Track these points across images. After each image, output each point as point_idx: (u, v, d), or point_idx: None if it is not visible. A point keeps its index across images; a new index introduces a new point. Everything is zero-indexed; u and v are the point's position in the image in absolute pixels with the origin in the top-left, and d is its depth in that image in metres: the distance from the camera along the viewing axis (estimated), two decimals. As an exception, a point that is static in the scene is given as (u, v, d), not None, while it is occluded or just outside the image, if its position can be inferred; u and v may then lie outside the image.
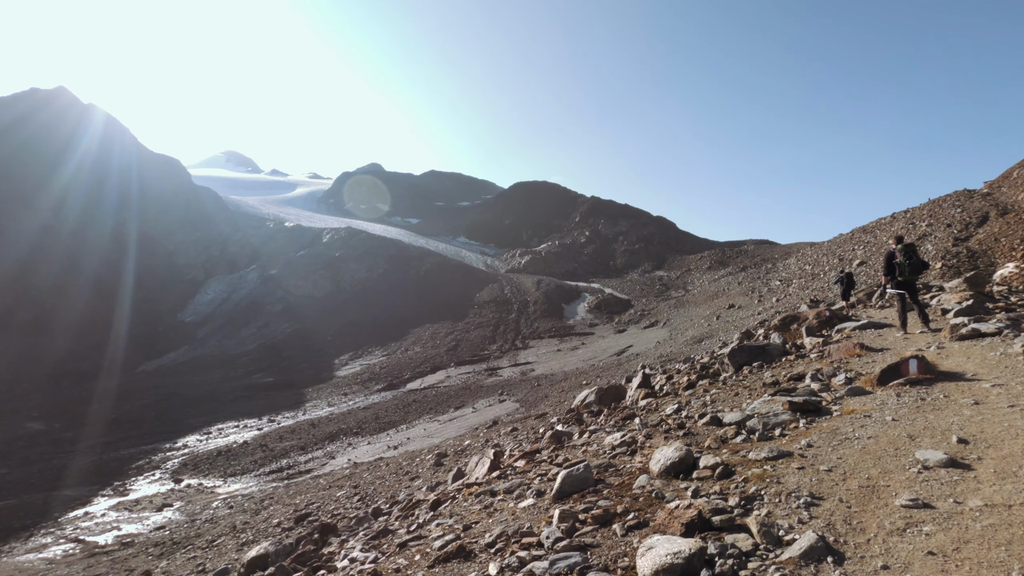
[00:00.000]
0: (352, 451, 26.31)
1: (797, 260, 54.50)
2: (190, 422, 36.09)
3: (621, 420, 7.71)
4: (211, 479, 24.20)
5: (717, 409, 6.38)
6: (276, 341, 60.06)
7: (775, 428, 4.97)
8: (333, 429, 30.93)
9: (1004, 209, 38.32)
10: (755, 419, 5.19)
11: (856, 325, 9.87)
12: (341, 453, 26.26)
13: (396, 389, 41.33)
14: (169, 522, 17.81)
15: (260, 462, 26.10)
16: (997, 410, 4.58)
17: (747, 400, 6.53)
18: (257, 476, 24.01)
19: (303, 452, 27.35)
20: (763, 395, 6.27)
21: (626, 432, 6.41)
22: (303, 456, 26.68)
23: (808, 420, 5.04)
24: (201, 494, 21.86)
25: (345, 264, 76.60)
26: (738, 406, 6.31)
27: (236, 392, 44.54)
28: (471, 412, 30.45)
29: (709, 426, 5.63)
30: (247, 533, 13.82)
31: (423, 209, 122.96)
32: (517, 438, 16.62)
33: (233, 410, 38.76)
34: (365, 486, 16.21)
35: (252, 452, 27.83)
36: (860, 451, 4.23)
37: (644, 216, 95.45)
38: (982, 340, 6.84)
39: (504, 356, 48.03)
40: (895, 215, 49.12)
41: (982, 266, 29.82)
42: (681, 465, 4.42)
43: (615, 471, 4.92)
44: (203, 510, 18.78)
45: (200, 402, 41.83)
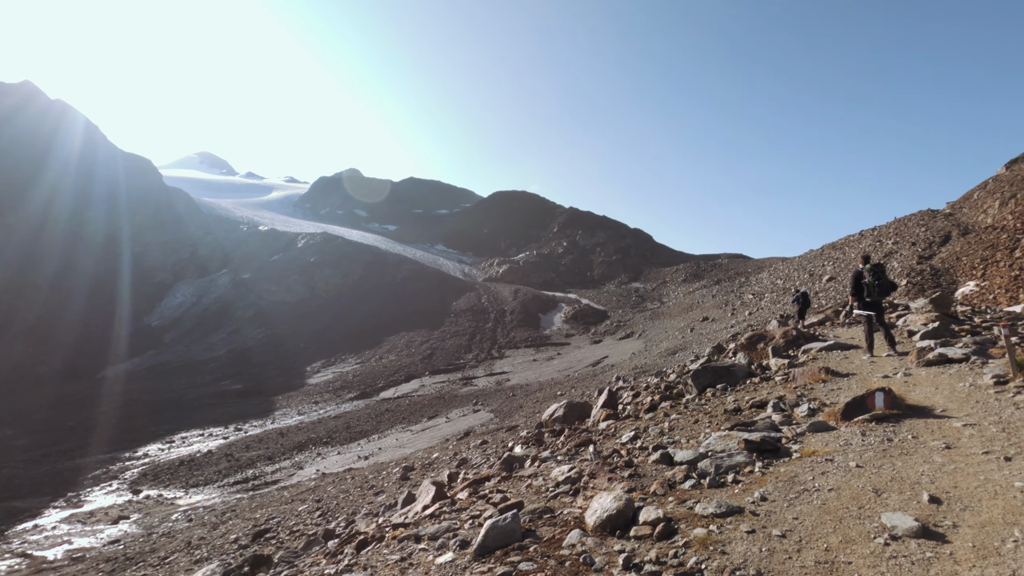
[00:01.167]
0: (321, 461, 25.71)
1: (769, 275, 55.58)
2: (152, 430, 34.90)
3: (576, 447, 7.52)
4: (172, 490, 23.36)
5: (673, 440, 6.17)
6: (246, 347, 58.71)
7: (728, 472, 4.56)
8: (302, 438, 30.21)
9: (965, 229, 39.74)
10: (708, 460, 4.81)
11: (823, 346, 9.87)
12: (310, 463, 25.64)
13: (369, 398, 40.68)
14: (124, 535, 17.08)
15: (224, 472, 25.31)
16: (971, 457, 4.12)
17: (706, 429, 6.33)
18: (221, 487, 23.27)
19: (270, 462, 26.63)
20: (723, 425, 6.00)
21: (575, 464, 6.15)
22: (270, 466, 25.96)
23: (765, 463, 4.60)
24: (160, 506, 21.07)
25: (320, 270, 75.52)
26: (695, 437, 6.04)
27: (202, 399, 43.30)
28: (444, 422, 30.09)
29: (659, 464, 5.24)
30: (202, 550, 13.30)
31: (401, 216, 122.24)
32: (485, 452, 16.42)
33: (198, 418, 37.64)
34: (328, 500, 15.80)
35: (216, 462, 26.99)
36: (819, 509, 3.73)
37: (621, 228, 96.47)
38: (949, 367, 6.66)
39: (480, 365, 47.74)
40: (863, 232, 50.57)
41: (944, 284, 30.79)
42: (619, 519, 3.90)
43: (550, 519, 4.46)
44: (161, 523, 18.08)
45: (164, 409, 40.52)
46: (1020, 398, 4.76)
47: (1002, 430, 4.36)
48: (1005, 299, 23.65)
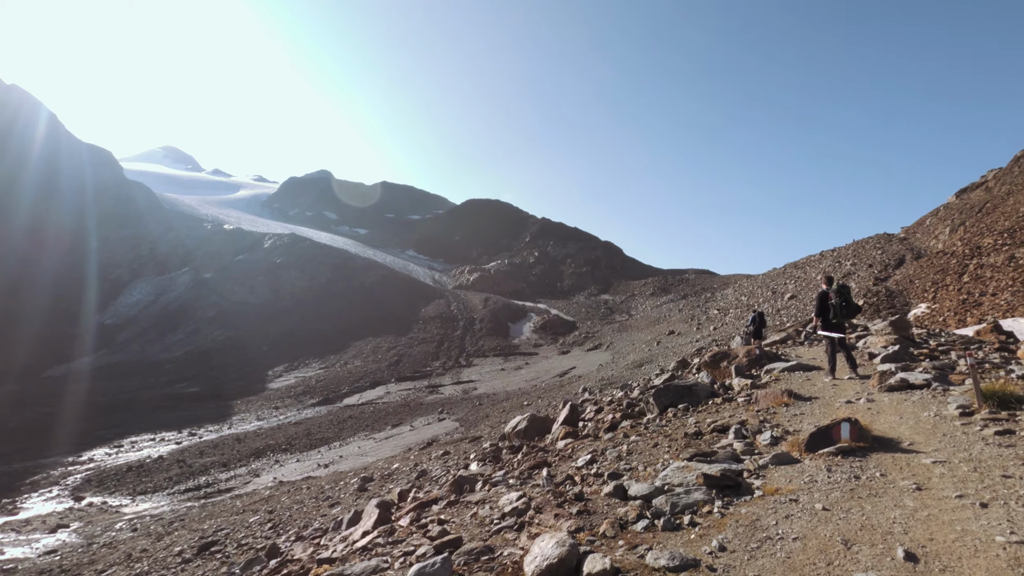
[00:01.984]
0: (279, 469, 24.91)
1: (734, 291, 56.84)
2: (100, 433, 33.30)
3: (530, 468, 7.28)
4: (117, 497, 22.24)
5: (630, 466, 5.86)
6: (205, 349, 56.82)
7: (685, 512, 4.20)
8: (260, 445, 29.26)
9: (918, 253, 41.48)
10: (664, 497, 4.44)
11: (785, 366, 9.78)
12: (267, 471, 24.81)
13: (332, 404, 39.76)
14: (62, 546, 16.11)
15: (175, 479, 24.26)
16: (944, 502, 3.76)
17: (665, 455, 6.03)
18: (171, 494, 22.27)
19: (225, 469, 25.67)
20: (682, 453, 5.73)
21: (526, 490, 5.85)
22: (225, 473, 25.02)
23: (725, 502, 4.25)
24: (104, 514, 20.00)
25: (286, 271, 73.87)
26: (653, 464, 5.71)
27: (156, 402, 41.61)
28: (408, 430, 29.60)
29: (612, 499, 4.84)
30: (143, 563, 12.59)
31: (372, 220, 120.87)
32: (446, 464, 16.12)
33: (151, 421, 36.12)
34: (281, 511, 15.22)
35: (167, 468, 25.87)
36: (784, 564, 3.38)
37: (592, 240, 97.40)
38: (912, 393, 6.53)
39: (447, 373, 47.27)
40: (823, 253, 52.29)
41: (898, 305, 31.97)
42: (560, 569, 3.50)
43: (487, 562, 4.05)
44: (103, 532, 17.13)
45: (114, 411, 38.78)
46: (988, 432, 4.58)
47: (974, 469, 4.10)
48: (953, 322, 24.66)
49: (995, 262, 28.75)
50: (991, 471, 3.96)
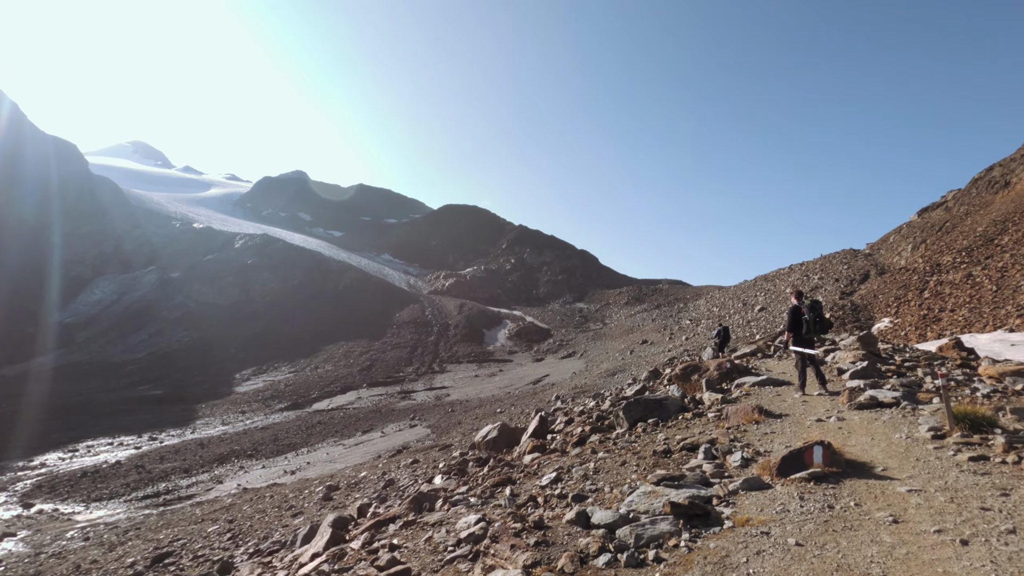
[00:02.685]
0: (244, 475, 24.20)
1: (706, 302, 57.71)
2: (54, 437, 31.89)
3: (494, 486, 7.07)
4: (70, 504, 21.27)
5: (596, 486, 5.67)
6: (170, 350, 55.10)
7: (650, 545, 3.97)
8: (224, 450, 28.42)
9: (882, 269, 42.77)
10: (629, 528, 4.19)
11: (756, 380, 9.78)
12: (231, 477, 24.08)
13: (301, 409, 38.92)
14: (8, 556, 15.27)
15: (133, 485, 23.34)
16: (922, 537, 3.54)
17: (632, 474, 5.82)
18: (127, 502, 21.40)
19: (186, 475, 24.83)
20: (650, 474, 5.52)
21: (487, 511, 5.60)
22: (186, 480, 24.19)
23: (693, 534, 4.02)
24: (55, 522, 19.08)
25: (257, 273, 72.30)
26: (620, 485, 5.50)
27: (115, 405, 40.09)
28: (379, 437, 29.13)
29: (574, 527, 4.57)
30: (93, 574, 12.02)
31: (348, 223, 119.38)
32: (415, 473, 15.85)
33: (109, 425, 34.76)
34: (242, 521, 14.71)
35: (125, 474, 24.89)
36: None
37: (569, 248, 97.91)
38: (882, 412, 6.44)
39: (420, 379, 46.77)
40: (792, 267, 53.52)
41: (863, 319, 32.86)
42: None
43: None
44: (53, 541, 16.32)
45: (70, 414, 37.22)
46: (961, 458, 4.48)
47: (950, 499, 3.92)
48: (914, 336, 25.43)
49: (954, 279, 29.80)
50: (969, 502, 3.82)
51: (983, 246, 31.63)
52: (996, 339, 18.96)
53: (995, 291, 25.14)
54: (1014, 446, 4.34)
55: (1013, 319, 21.10)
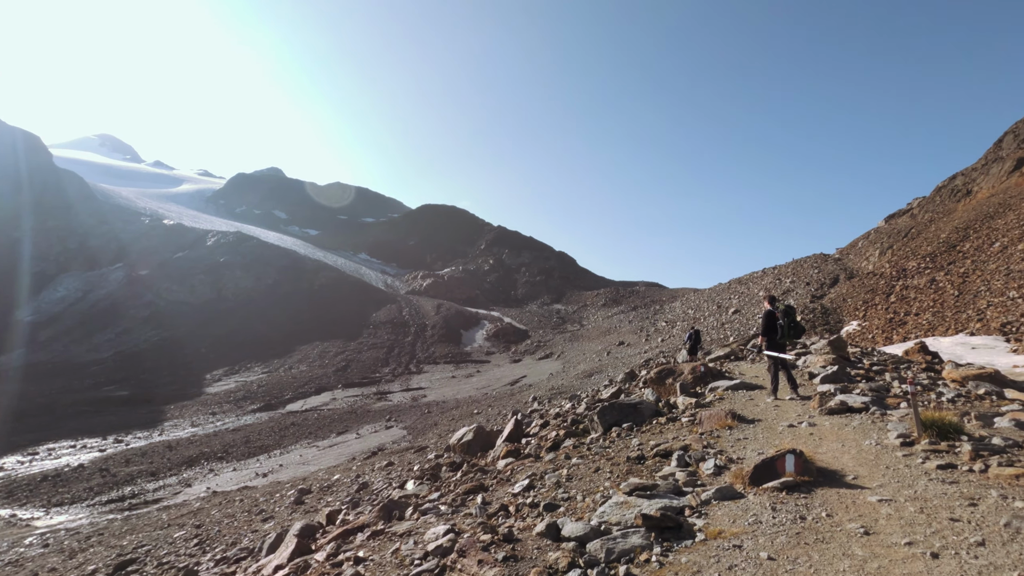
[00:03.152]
0: (213, 478, 23.64)
1: (682, 304, 58.45)
2: (13, 439, 30.72)
3: (466, 493, 6.99)
4: (29, 509, 20.49)
5: (568, 495, 5.61)
6: (138, 350, 53.59)
7: (621, 560, 3.90)
8: (194, 452, 27.73)
9: (851, 273, 43.88)
10: (599, 541, 4.10)
11: (729, 385, 9.91)
12: (200, 480, 23.49)
13: (274, 410, 38.21)
14: (-40, 564, 14.63)
15: (97, 489, 22.59)
16: (894, 550, 3.53)
17: (605, 482, 5.80)
18: (90, 506, 20.70)
19: (153, 478, 24.14)
20: (623, 481, 5.51)
21: (456, 521, 5.48)
22: (153, 483, 23.52)
23: (664, 548, 3.96)
24: (13, 528, 18.36)
25: (230, 271, 70.80)
26: (592, 494, 5.45)
27: (79, 406, 38.81)
28: (354, 438, 28.76)
29: (544, 539, 4.48)
30: (51, 584, 11.61)
31: (324, 221, 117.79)
32: (389, 476, 15.66)
33: (72, 427, 33.62)
34: (210, 526, 14.33)
35: (88, 477, 24.07)
36: None
37: (547, 250, 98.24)
38: (852, 418, 6.57)
39: (396, 380, 46.36)
40: (765, 270, 54.57)
41: (832, 322, 33.65)
42: None
43: None
44: (11, 548, 15.68)
45: (30, 416, 35.89)
46: (930, 466, 4.55)
47: (920, 510, 3.93)
48: (881, 339, 26.13)
49: (918, 284, 30.71)
50: (938, 512, 3.85)
51: (946, 252, 32.67)
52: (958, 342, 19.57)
53: (957, 296, 25.98)
54: (980, 454, 4.44)
55: (974, 323, 21.81)
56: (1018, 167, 38.73)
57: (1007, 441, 4.81)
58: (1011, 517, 3.35)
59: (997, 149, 43.42)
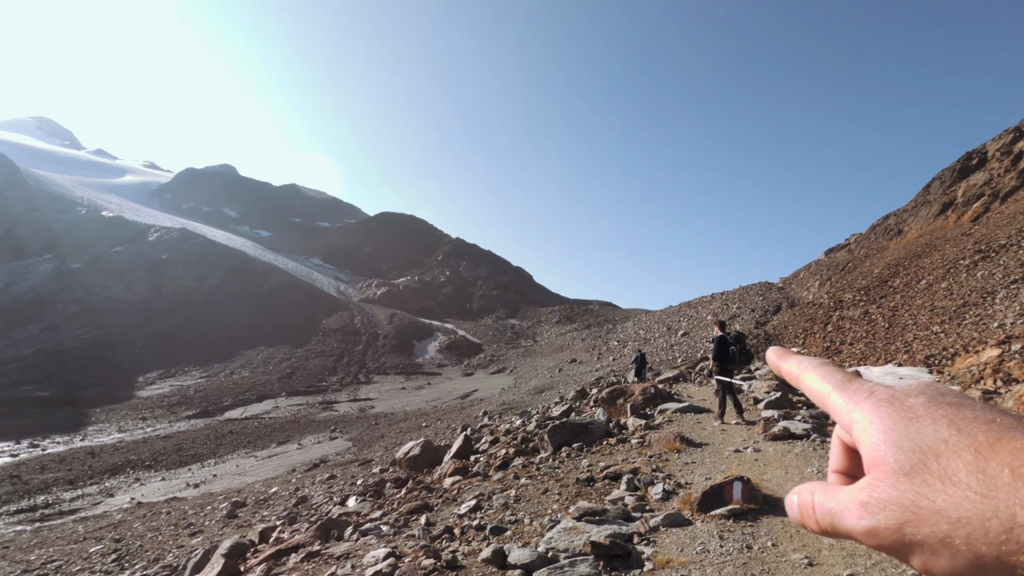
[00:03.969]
0: (139, 488, 22.21)
1: (634, 324, 59.62)
2: (-89, 442, 28.03)
3: (410, 512, 6.76)
4: (-76, 520, 18.61)
5: (515, 517, 5.47)
6: (64, 348, 50.11)
7: None
8: (119, 460, 26.04)
9: (792, 302, 45.94)
10: (546, 571, 3.94)
11: (678, 407, 10.06)
12: (124, 490, 22.02)
13: (211, 417, 36.40)
14: None
15: (5, 498, 20.83)
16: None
17: (554, 505, 5.71)
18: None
19: (71, 487, 22.48)
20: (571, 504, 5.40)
21: (398, 543, 5.26)
22: (70, 492, 21.88)
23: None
24: (-98, 541, 16.61)
25: (173, 269, 67.53)
26: (540, 517, 5.34)
27: (-8, 406, 35.85)
28: (296, 449, 27.69)
29: (489, 566, 4.33)
30: (-57, 605, 10.54)
31: (277, 223, 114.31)
32: (330, 490, 15.10)
33: (-18, 429, 30.99)
34: (131, 540, 13.37)
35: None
36: None
37: (504, 264, 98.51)
38: (795, 444, 6.74)
39: (344, 389, 45.08)
40: (714, 295, 56.45)
41: (775, 348, 35.00)
42: None
43: None
44: (-102, 564, 14.17)
45: (-67, 416, 32.88)
46: None
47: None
48: (820, 367, 27.34)
49: (853, 315, 32.42)
50: None
51: (878, 287, 34.67)
52: (887, 372, 20.64)
53: (887, 328, 27.53)
54: (910, 485, 4.61)
55: (901, 354, 23.11)
56: (943, 211, 41.71)
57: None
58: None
59: (926, 193, 46.69)
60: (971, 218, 37.49)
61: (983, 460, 0.27)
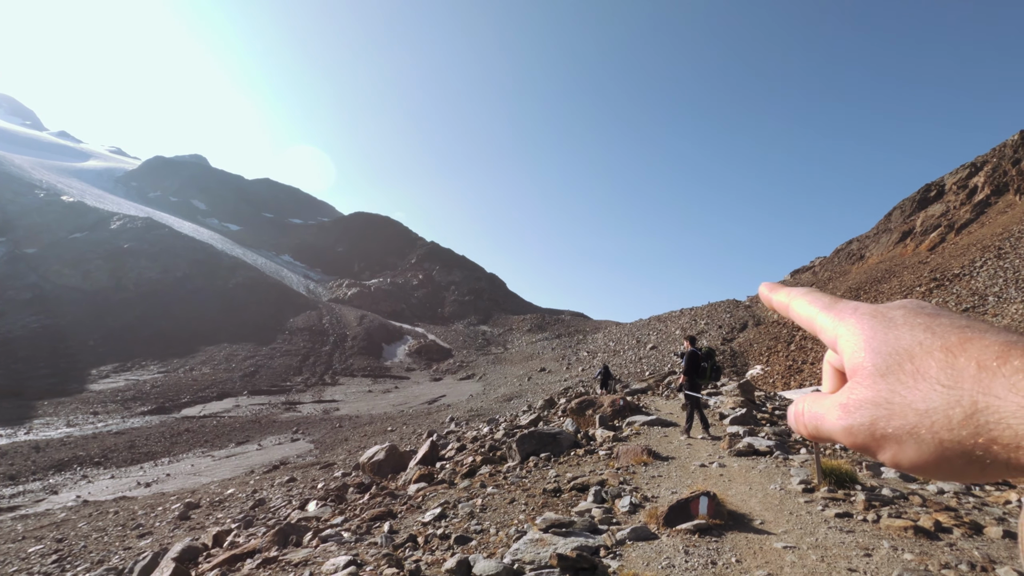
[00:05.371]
0: (87, 486, 21.26)
1: (604, 336, 60.12)
2: None
3: (373, 519, 6.58)
4: None
5: (481, 527, 5.45)
6: (12, 336, 47.80)
7: None
8: (66, 455, 24.92)
9: (758, 320, 47.04)
10: None
11: (646, 420, 10.19)
12: (69, 487, 21.04)
13: (167, 414, 35.18)
14: None
15: (-62, 494, 19.67)
16: None
17: (520, 515, 5.70)
18: (-73, 513, 17.90)
19: (12, 483, 21.42)
20: (538, 515, 5.39)
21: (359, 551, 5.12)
22: (10, 488, 20.84)
23: None
24: None
25: (134, 259, 65.29)
26: (507, 527, 5.32)
27: (-71, 395, 33.95)
28: (255, 450, 26.94)
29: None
30: None
31: (247, 217, 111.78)
32: (289, 493, 14.70)
33: (-84, 419, 29.29)
34: (74, 540, 12.74)
35: (-71, 479, 20.93)
36: None
37: (479, 270, 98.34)
38: (759, 461, 6.84)
39: (308, 390, 44.18)
40: (683, 311, 57.40)
41: (739, 364, 35.78)
42: None
43: None
44: None
45: None
46: (829, 514, 4.80)
47: (821, 558, 4.11)
48: (781, 384, 28.05)
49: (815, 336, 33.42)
50: (837, 562, 4.01)
51: (841, 309, 35.81)
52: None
53: (849, 350, 28.41)
54: (872, 504, 4.74)
55: (861, 376, 23.90)
56: (902, 239, 43.44)
57: (894, 492, 5.19)
58: (902, 570, 3.55)
59: (887, 221, 48.55)
60: (928, 247, 39.12)
61: (952, 356, 0.29)
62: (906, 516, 4.52)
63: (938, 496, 5.34)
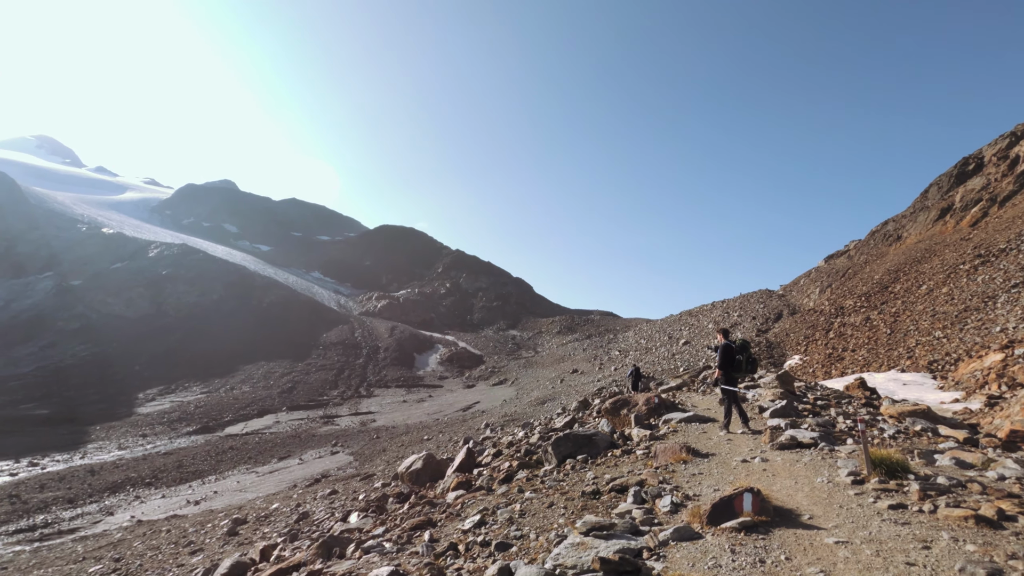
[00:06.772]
0: (140, 506, 22.01)
1: (635, 334, 59.47)
2: (-91, 462, 27.81)
3: (413, 529, 6.62)
4: (-78, 541, 18.39)
5: (521, 532, 5.38)
6: (64, 365, 49.91)
7: None
8: (119, 478, 25.83)
9: (793, 309, 45.82)
10: None
11: (682, 417, 9.91)
12: (124, 508, 21.82)
13: (212, 433, 36.17)
14: None
15: (4, 518, 20.62)
16: None
17: (559, 519, 5.61)
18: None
19: (71, 506, 22.27)
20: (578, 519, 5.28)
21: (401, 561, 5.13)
22: (70, 511, 21.67)
23: None
24: (-100, 563, 16.40)
25: (173, 285, 67.48)
26: (547, 531, 5.24)
27: (-9, 425, 35.63)
28: (297, 464, 27.48)
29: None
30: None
31: (277, 237, 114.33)
32: (332, 505, 14.94)
33: (-20, 449, 30.76)
34: (131, 560, 13.20)
35: (-6, 505, 21.94)
36: None
37: (505, 276, 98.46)
38: (803, 454, 6.56)
39: (345, 403, 44.86)
40: (715, 303, 56.37)
41: (776, 355, 34.89)
42: None
43: None
44: None
45: (-68, 436, 32.65)
46: (881, 505, 4.58)
47: (876, 553, 3.90)
48: (821, 373, 27.23)
49: (855, 322, 32.31)
50: (894, 556, 3.83)
51: (879, 292, 34.59)
52: (890, 378, 20.55)
53: (889, 334, 27.42)
54: (928, 493, 4.52)
55: (904, 360, 23.01)
56: (941, 216, 41.77)
57: (951, 480, 4.93)
58: (965, 562, 3.38)
59: (924, 199, 46.77)
60: (970, 223, 37.53)
61: None
62: (965, 505, 4.27)
63: (999, 483, 5.04)
